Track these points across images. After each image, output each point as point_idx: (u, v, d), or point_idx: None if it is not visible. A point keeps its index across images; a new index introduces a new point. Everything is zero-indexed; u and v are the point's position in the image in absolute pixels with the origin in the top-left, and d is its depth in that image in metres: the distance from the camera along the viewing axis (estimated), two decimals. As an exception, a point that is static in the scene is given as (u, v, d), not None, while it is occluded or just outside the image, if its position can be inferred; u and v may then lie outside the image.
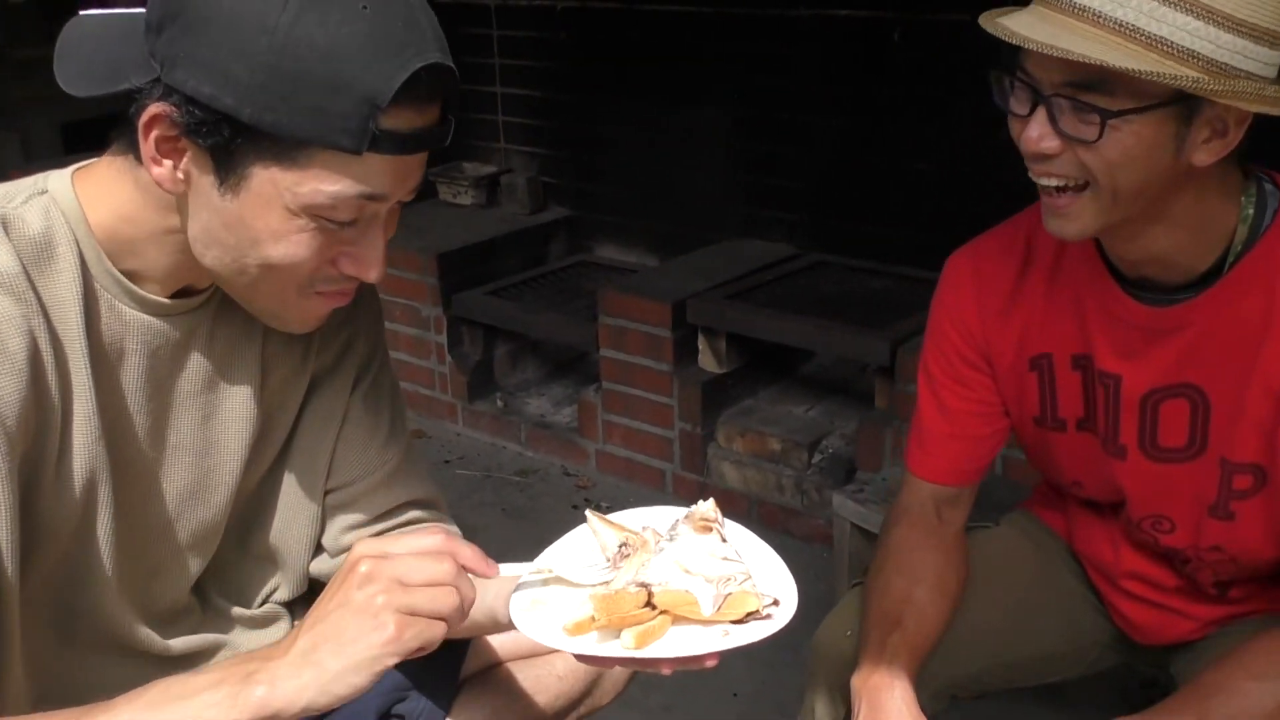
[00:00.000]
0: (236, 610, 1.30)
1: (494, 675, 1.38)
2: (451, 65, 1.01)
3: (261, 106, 0.94)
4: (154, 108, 0.98)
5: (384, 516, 1.31)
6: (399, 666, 1.35)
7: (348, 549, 1.29)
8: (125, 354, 1.11)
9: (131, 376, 1.12)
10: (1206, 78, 1.15)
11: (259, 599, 1.31)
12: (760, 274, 3.30)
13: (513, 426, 3.65)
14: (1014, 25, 1.21)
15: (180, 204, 1.05)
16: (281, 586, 1.31)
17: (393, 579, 0.95)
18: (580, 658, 0.99)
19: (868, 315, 2.98)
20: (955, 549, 1.56)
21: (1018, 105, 1.26)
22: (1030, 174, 1.29)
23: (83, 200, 1.07)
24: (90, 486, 1.09)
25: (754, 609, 0.99)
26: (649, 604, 0.98)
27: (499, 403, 3.73)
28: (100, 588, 1.14)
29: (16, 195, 1.06)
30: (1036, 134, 1.23)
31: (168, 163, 1.01)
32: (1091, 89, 1.18)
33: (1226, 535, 1.41)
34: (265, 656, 0.97)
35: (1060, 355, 1.47)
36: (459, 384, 3.72)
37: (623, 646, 0.97)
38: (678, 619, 0.99)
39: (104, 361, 1.09)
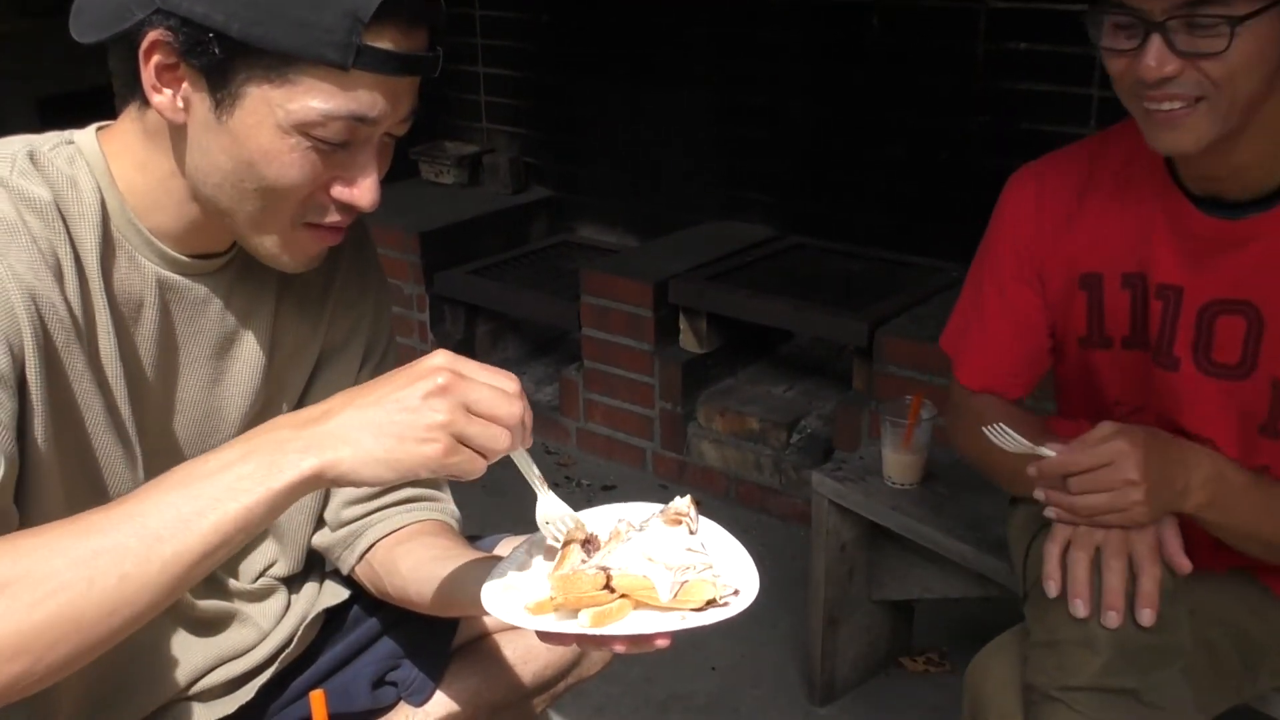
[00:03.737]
0: (233, 583, 1.32)
1: (483, 645, 1.41)
2: None
3: (249, 21, 0.98)
4: (152, 34, 1.01)
5: (384, 492, 1.33)
6: (392, 635, 1.40)
7: (347, 523, 1.33)
8: (143, 306, 1.14)
9: (148, 330, 1.14)
10: None
11: (256, 573, 1.34)
12: (740, 255, 3.34)
13: (494, 405, 3.66)
14: None
15: (182, 145, 1.07)
16: (280, 561, 1.34)
17: (461, 403, 0.94)
18: (541, 635, 1.02)
19: (846, 297, 3.02)
20: None
21: (1125, 40, 1.27)
22: (1140, 102, 1.30)
23: (106, 153, 1.11)
24: (112, 424, 1.11)
25: (711, 597, 1.01)
26: (608, 587, 1.01)
27: (480, 381, 3.75)
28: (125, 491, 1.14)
29: (45, 142, 1.10)
30: (1156, 61, 1.24)
31: (168, 91, 1.04)
32: (1208, 1, 1.20)
33: (1276, 454, 1.43)
34: (295, 424, 0.95)
35: (1110, 275, 1.50)
36: (441, 362, 3.74)
37: (579, 625, 1.00)
38: (637, 604, 1.01)
39: (121, 310, 1.12)
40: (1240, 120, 1.29)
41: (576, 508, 1.12)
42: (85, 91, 4.63)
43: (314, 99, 1.01)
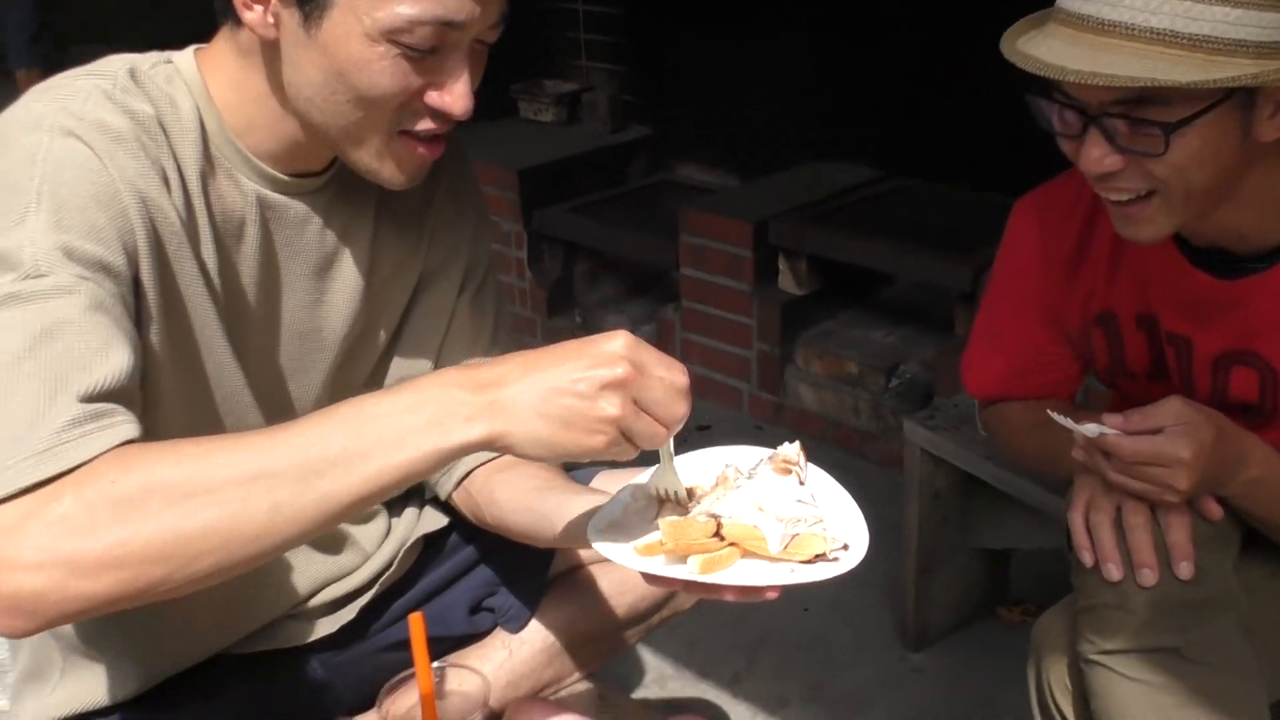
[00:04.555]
0: None
1: (579, 576, 1.42)
2: None
3: None
4: None
5: None
6: (489, 563, 1.42)
7: None
8: (245, 223, 1.15)
9: (250, 248, 1.16)
10: (1261, 63, 1.10)
11: None
12: (843, 196, 3.28)
13: (591, 343, 3.68)
14: (1042, 53, 1.16)
15: (275, 61, 1.08)
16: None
17: (633, 400, 0.92)
18: (647, 577, 1.02)
19: (950, 239, 2.95)
20: None
21: (1066, 128, 1.22)
22: (1095, 188, 1.25)
23: (204, 73, 1.12)
24: (216, 340, 1.13)
25: (821, 551, 1.00)
26: (718, 535, 1.00)
27: (577, 319, 3.77)
28: (232, 403, 1.18)
29: (145, 61, 1.11)
30: (1096, 154, 1.19)
31: (258, 7, 1.05)
32: (1145, 103, 1.14)
33: None
34: (469, 386, 0.92)
35: (1125, 315, 1.46)
36: (539, 299, 3.76)
37: (688, 571, 0.99)
38: (746, 553, 1.00)
39: (223, 228, 1.13)
40: (1205, 205, 1.23)
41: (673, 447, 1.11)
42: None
43: (400, 5, 1.01)
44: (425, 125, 1.10)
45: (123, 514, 0.85)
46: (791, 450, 1.10)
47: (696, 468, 1.09)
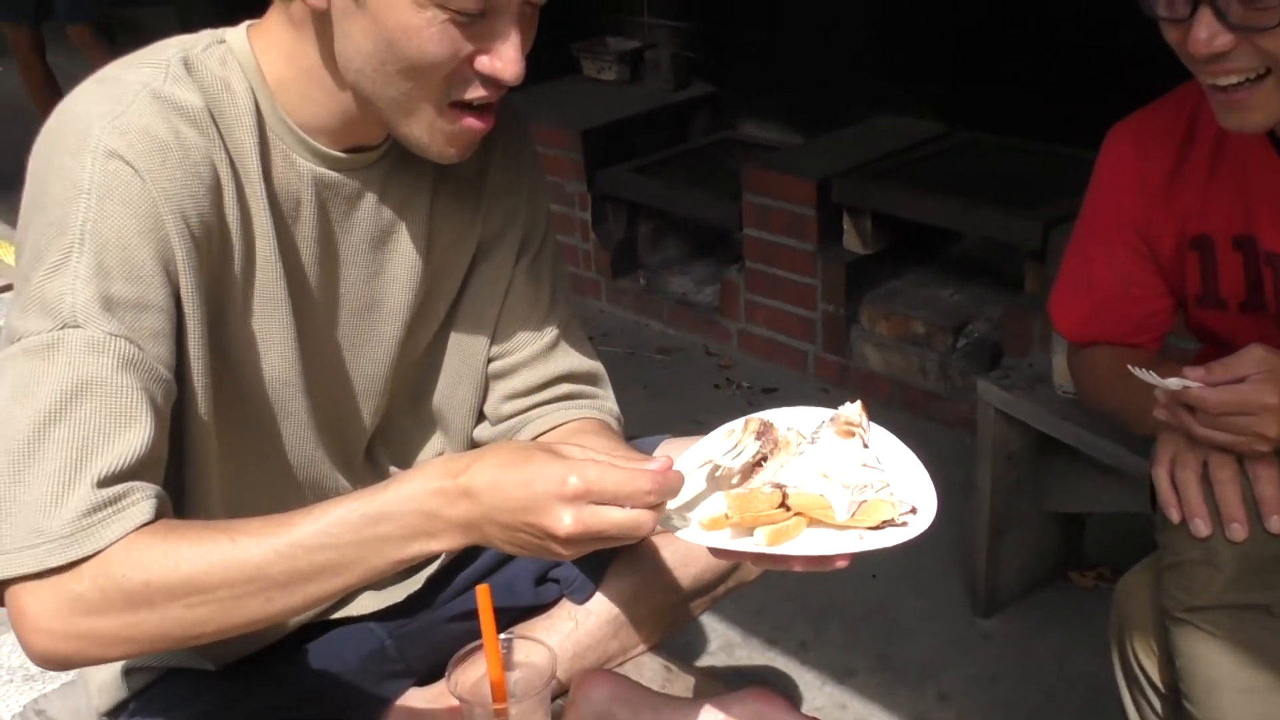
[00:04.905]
0: (396, 471, 1.34)
1: (643, 548, 1.41)
2: None
3: None
4: None
5: (541, 388, 1.34)
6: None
7: (507, 418, 1.34)
8: (301, 204, 1.15)
9: (307, 228, 1.16)
10: None
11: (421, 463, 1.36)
12: (908, 153, 3.23)
13: (655, 304, 3.68)
14: None
15: (326, 32, 1.08)
16: (446, 453, 1.36)
17: (587, 544, 0.98)
18: (714, 551, 1.01)
19: (1019, 195, 2.89)
20: None
21: (1174, 9, 1.18)
22: (1199, 76, 1.21)
23: (256, 50, 1.12)
24: (272, 327, 1.15)
25: (889, 517, 0.99)
26: (784, 505, 0.99)
27: (641, 280, 3.76)
28: (292, 424, 1.20)
29: (198, 43, 1.12)
30: (1206, 34, 1.15)
31: None
32: None
33: None
34: (441, 498, 0.98)
35: (1221, 237, 1.42)
36: (603, 261, 3.76)
37: (755, 544, 0.98)
38: (812, 522, 0.99)
39: (280, 210, 1.14)
40: None
41: (738, 411, 1.10)
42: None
43: None
44: (476, 93, 1.09)
45: (131, 604, 0.97)
46: (853, 411, 1.08)
47: (749, 441, 1.07)
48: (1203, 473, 1.30)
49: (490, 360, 1.34)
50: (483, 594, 1.12)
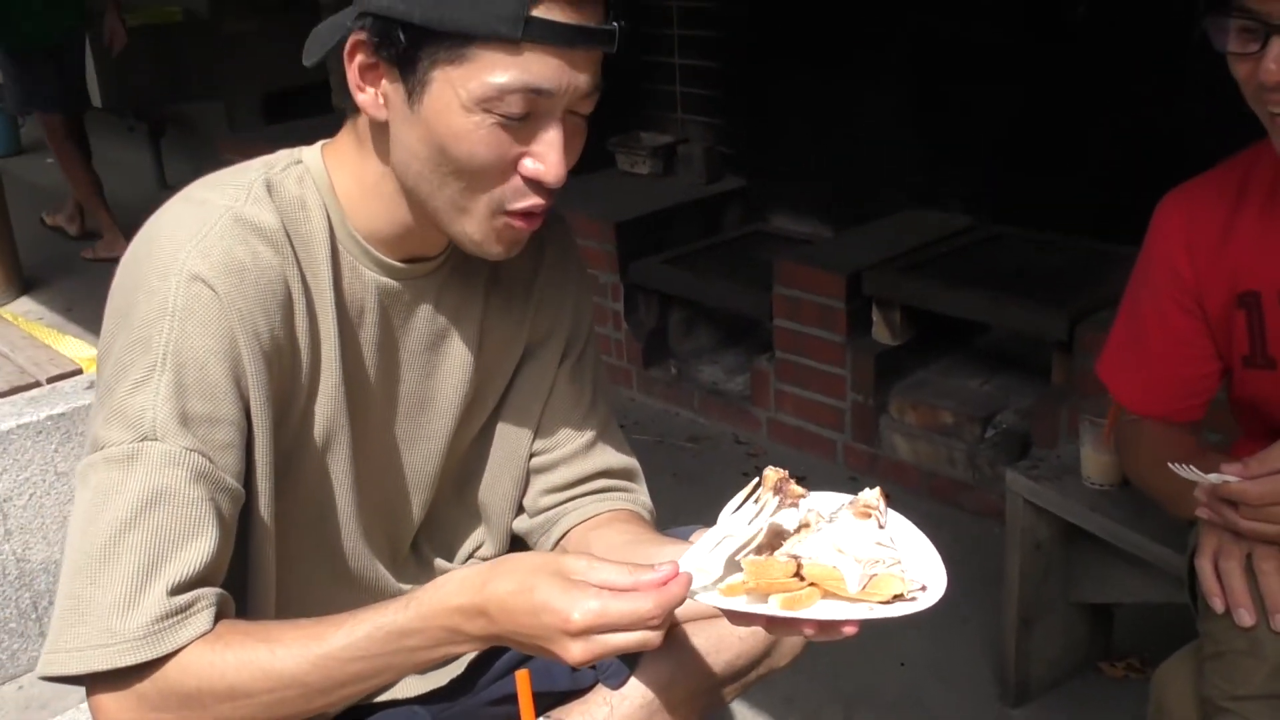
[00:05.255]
0: (440, 563, 1.41)
1: (675, 634, 1.45)
2: None
3: (428, 5, 1.05)
4: (353, 36, 1.11)
5: (579, 482, 1.40)
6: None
7: (545, 510, 1.40)
8: (365, 311, 1.23)
9: (370, 333, 1.24)
10: None
11: (465, 553, 1.42)
12: (936, 246, 3.29)
13: (686, 393, 3.73)
14: None
15: (386, 142, 1.16)
16: (486, 542, 1.42)
17: (598, 654, 1.02)
18: (731, 615, 1.05)
19: (1046, 288, 2.94)
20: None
21: (1245, 44, 1.25)
22: (1265, 107, 1.27)
23: (329, 168, 1.21)
24: (332, 428, 1.22)
25: (899, 591, 1.02)
26: (799, 575, 1.03)
27: (673, 369, 3.81)
28: (344, 524, 1.27)
29: (277, 164, 1.21)
30: (1277, 64, 1.21)
31: (370, 90, 1.13)
32: None
33: None
34: (463, 616, 1.05)
35: (1269, 292, 1.45)
36: (634, 350, 3.82)
37: (769, 609, 1.02)
38: (826, 594, 1.03)
39: (346, 317, 1.22)
40: None
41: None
42: (306, 88, 4.96)
43: (490, 74, 1.07)
44: (525, 203, 1.15)
45: (186, 704, 1.08)
46: (872, 495, 1.12)
47: (781, 515, 1.12)
48: (1246, 563, 1.32)
49: (532, 455, 1.40)
50: (522, 679, 1.16)
